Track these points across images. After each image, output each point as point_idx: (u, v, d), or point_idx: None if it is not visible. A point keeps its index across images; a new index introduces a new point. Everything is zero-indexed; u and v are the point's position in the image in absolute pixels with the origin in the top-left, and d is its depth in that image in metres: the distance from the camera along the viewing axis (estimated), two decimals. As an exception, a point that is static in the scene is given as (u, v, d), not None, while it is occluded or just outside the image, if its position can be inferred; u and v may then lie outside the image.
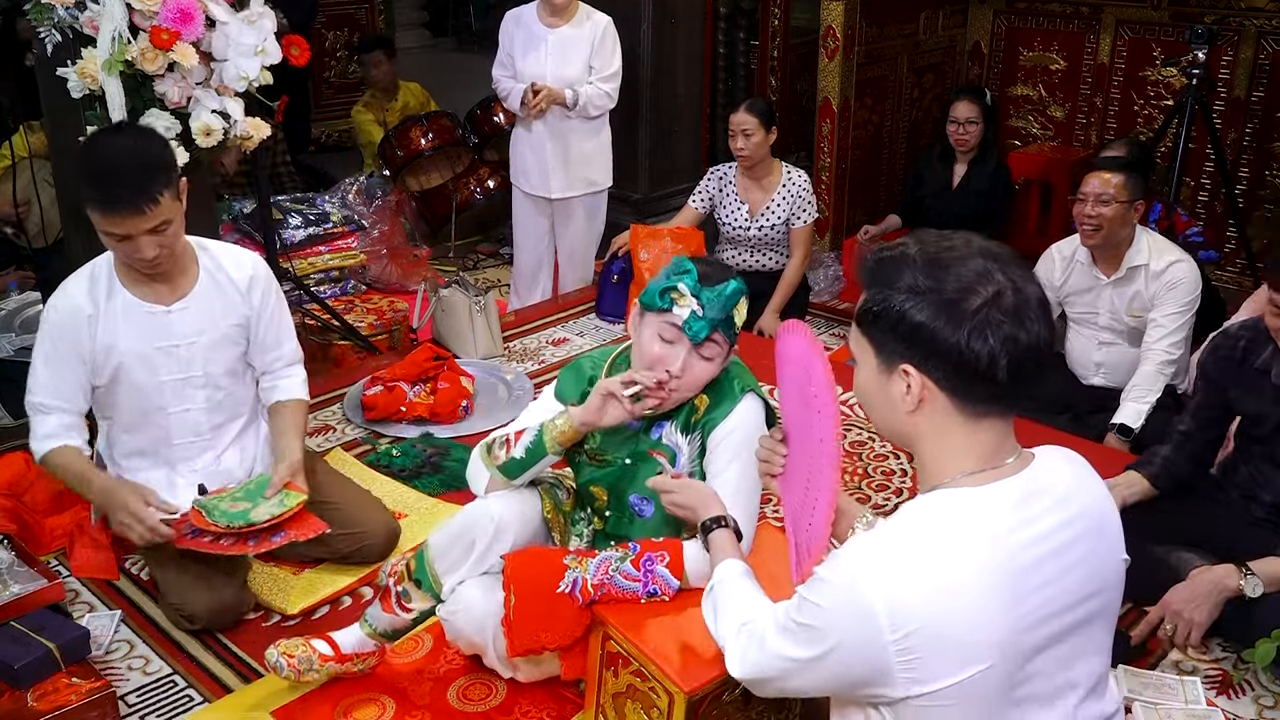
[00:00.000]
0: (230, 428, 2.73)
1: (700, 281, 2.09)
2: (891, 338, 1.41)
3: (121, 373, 2.55)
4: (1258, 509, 2.59)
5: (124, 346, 2.53)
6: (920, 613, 1.30)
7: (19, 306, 4.16)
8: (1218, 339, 2.70)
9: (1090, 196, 3.28)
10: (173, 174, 2.44)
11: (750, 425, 2.15)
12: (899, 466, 3.28)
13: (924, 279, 1.37)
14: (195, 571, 2.54)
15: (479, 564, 2.22)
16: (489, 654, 2.27)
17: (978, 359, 1.34)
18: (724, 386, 2.19)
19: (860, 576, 1.34)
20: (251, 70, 2.90)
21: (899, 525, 1.39)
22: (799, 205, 4.21)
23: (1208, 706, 2.30)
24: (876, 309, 1.42)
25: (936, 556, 1.33)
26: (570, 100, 4.20)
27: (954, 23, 5.60)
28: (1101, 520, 1.46)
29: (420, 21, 9.19)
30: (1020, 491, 1.39)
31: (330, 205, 4.95)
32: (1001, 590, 1.32)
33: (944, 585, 1.31)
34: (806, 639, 1.41)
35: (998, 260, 1.38)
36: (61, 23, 2.83)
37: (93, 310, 2.51)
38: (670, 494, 2.01)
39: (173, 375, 2.59)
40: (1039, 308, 1.37)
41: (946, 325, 1.35)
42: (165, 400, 2.61)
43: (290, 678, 2.27)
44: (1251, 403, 2.56)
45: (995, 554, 1.33)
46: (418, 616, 2.28)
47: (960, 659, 1.31)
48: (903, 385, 1.41)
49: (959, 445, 1.42)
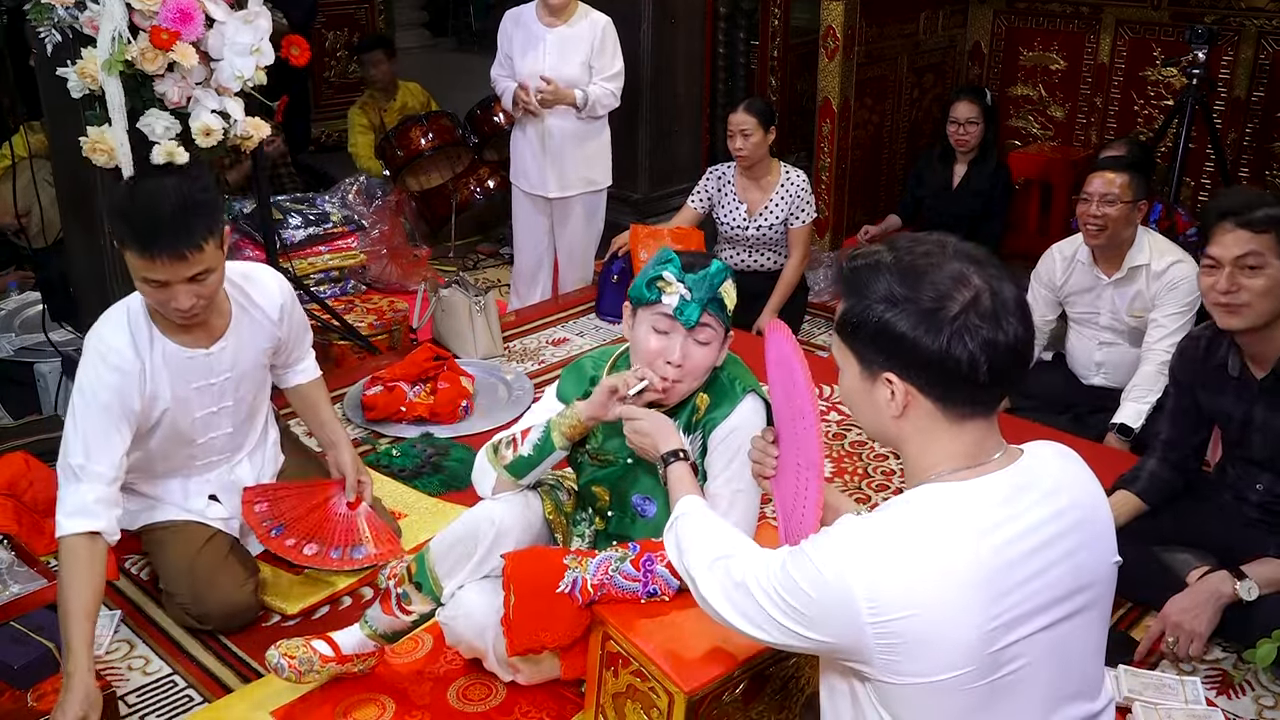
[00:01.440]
0: (249, 441, 2.73)
1: (684, 268, 2.12)
2: (872, 348, 1.43)
3: (163, 419, 2.46)
4: (1249, 509, 2.59)
5: (167, 394, 2.43)
6: (901, 603, 1.32)
7: (19, 306, 4.16)
8: (1183, 341, 2.69)
9: (1095, 196, 3.28)
10: (218, 219, 2.31)
11: (751, 425, 2.15)
12: (899, 466, 3.28)
13: (900, 288, 1.39)
14: (206, 571, 2.53)
15: (480, 568, 2.22)
16: (489, 658, 2.27)
17: (959, 364, 1.36)
18: (725, 386, 2.19)
19: (845, 565, 1.36)
20: (247, 70, 2.90)
21: (886, 517, 1.41)
22: (797, 205, 4.20)
23: (1208, 706, 2.30)
24: (855, 320, 1.43)
25: (920, 549, 1.34)
26: (580, 100, 4.21)
27: (954, 23, 5.60)
28: (1093, 513, 1.46)
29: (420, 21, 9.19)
30: (1007, 485, 1.40)
31: (330, 205, 4.95)
32: (984, 585, 1.33)
33: (926, 577, 1.33)
34: (790, 611, 1.43)
35: (973, 262, 1.40)
36: (61, 23, 2.82)
37: (139, 364, 2.37)
38: (634, 420, 2.05)
39: (206, 410, 2.54)
40: (1016, 308, 1.38)
41: (926, 334, 1.36)
42: (195, 433, 2.56)
43: (291, 679, 2.26)
44: (1217, 401, 2.55)
45: (979, 548, 1.34)
46: (417, 619, 2.28)
47: (939, 658, 1.33)
48: (886, 392, 1.43)
49: (944, 445, 1.43)
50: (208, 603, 2.51)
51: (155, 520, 2.62)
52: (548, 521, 2.29)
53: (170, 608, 2.61)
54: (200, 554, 2.54)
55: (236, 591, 2.54)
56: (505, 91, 4.32)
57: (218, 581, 2.53)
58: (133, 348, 2.37)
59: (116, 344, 2.36)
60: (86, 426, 2.29)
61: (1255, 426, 2.50)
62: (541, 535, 2.29)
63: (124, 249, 2.25)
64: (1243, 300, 2.34)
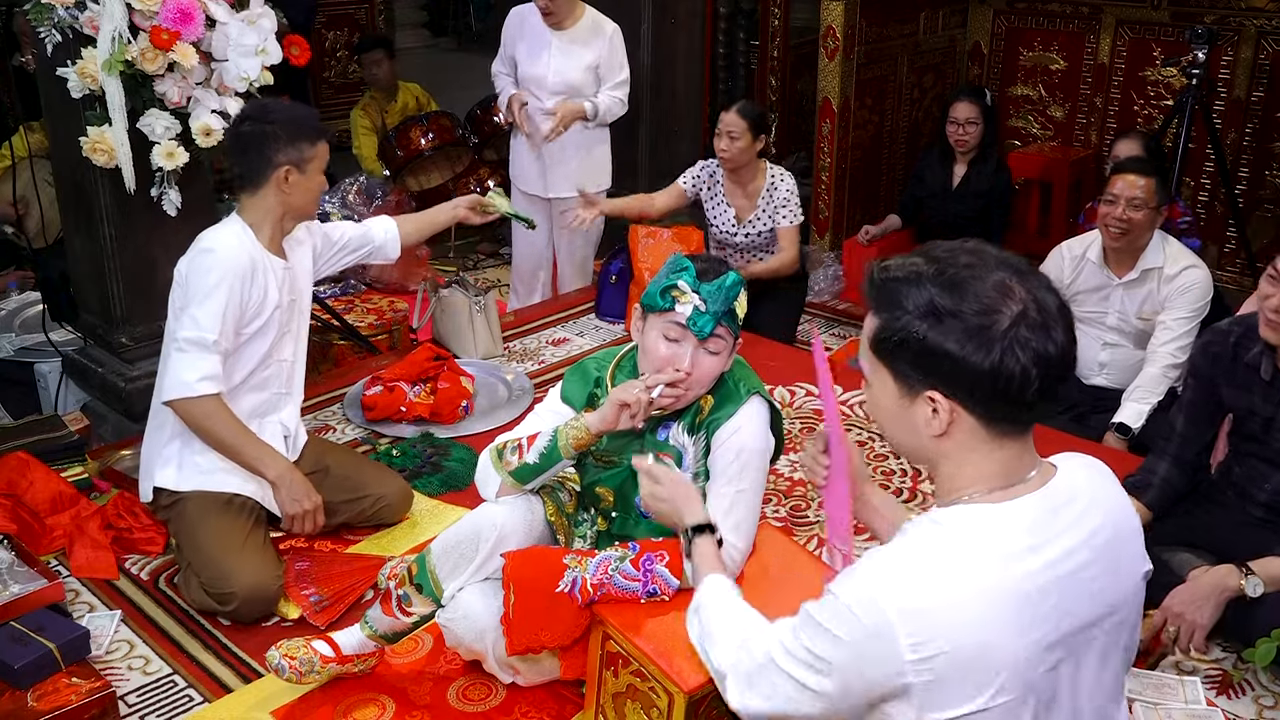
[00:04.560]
0: (295, 382, 2.90)
1: (699, 277, 2.09)
2: (915, 366, 1.34)
3: (267, 326, 2.70)
4: (1254, 509, 2.59)
5: (272, 298, 2.69)
6: (939, 629, 1.26)
7: (19, 306, 4.16)
8: (1209, 335, 2.70)
9: (1122, 199, 3.28)
10: None
11: (754, 426, 2.15)
12: (899, 466, 3.28)
13: (943, 300, 1.30)
14: (241, 551, 2.58)
15: (481, 570, 2.21)
16: (488, 659, 2.27)
17: (1010, 380, 1.29)
18: (729, 388, 2.19)
19: (877, 593, 1.29)
20: (252, 70, 2.90)
21: (916, 540, 1.34)
22: (783, 208, 4.06)
23: (1208, 706, 2.30)
24: (896, 337, 1.34)
25: (954, 570, 1.29)
26: (590, 112, 4.17)
27: (954, 23, 5.60)
28: (1122, 530, 1.42)
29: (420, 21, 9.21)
30: (1039, 508, 1.35)
31: (330, 205, 4.96)
32: (1023, 607, 1.28)
33: (963, 599, 1.27)
34: (818, 662, 1.34)
35: (1015, 271, 1.33)
36: (61, 23, 2.83)
37: (251, 262, 2.64)
38: (655, 482, 1.96)
39: (289, 327, 2.80)
40: (1060, 316, 1.32)
41: (976, 351, 1.29)
42: (284, 352, 2.80)
43: (292, 679, 2.27)
44: (1242, 399, 2.56)
45: (1013, 571, 1.29)
46: (418, 620, 2.28)
47: (984, 682, 1.27)
48: (927, 411, 1.35)
49: (982, 462, 1.37)
50: (235, 582, 2.52)
51: (210, 488, 2.67)
52: (549, 524, 2.29)
53: (189, 587, 2.62)
54: (240, 535, 2.62)
55: (267, 578, 2.58)
56: (503, 93, 4.29)
57: (251, 563, 2.57)
58: (246, 249, 2.65)
59: (229, 240, 2.64)
60: (218, 304, 2.57)
61: (1278, 426, 2.50)
62: (544, 538, 2.28)
63: (314, 148, 2.65)
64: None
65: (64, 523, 2.88)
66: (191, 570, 2.61)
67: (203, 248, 2.63)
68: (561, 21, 4.16)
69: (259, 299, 2.66)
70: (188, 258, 2.65)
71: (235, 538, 2.61)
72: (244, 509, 2.69)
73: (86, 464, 3.14)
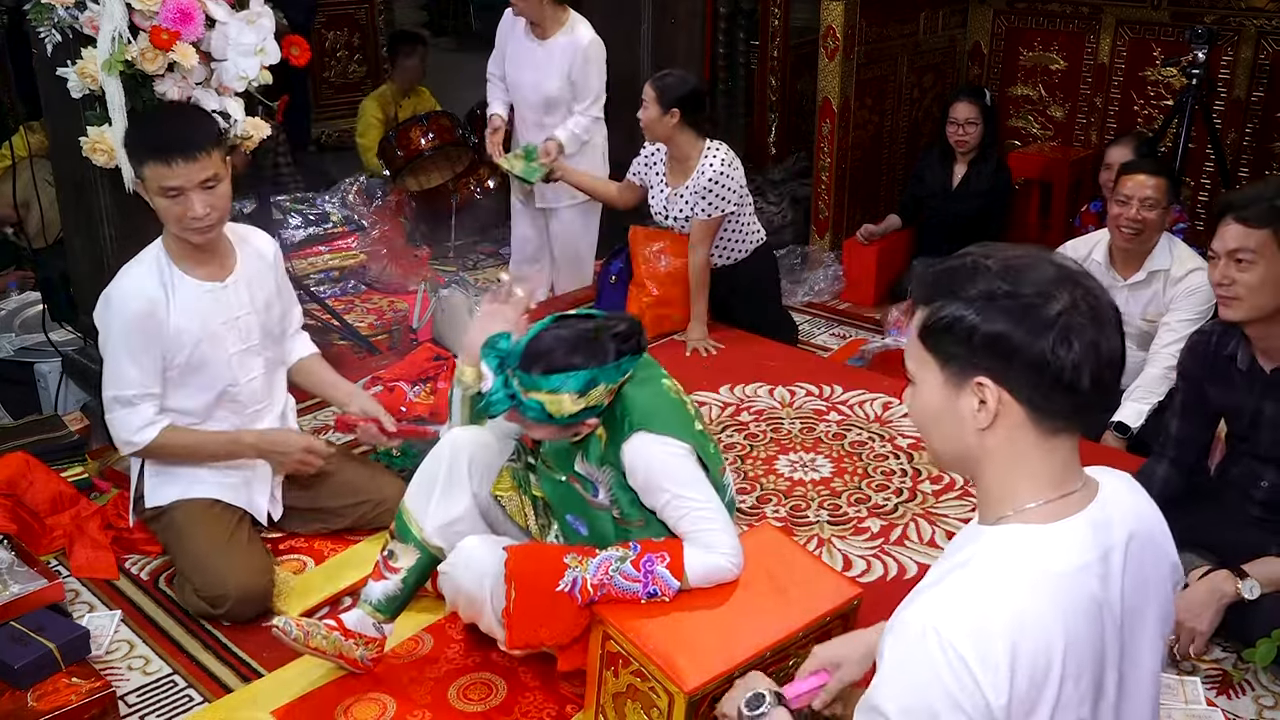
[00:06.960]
0: (277, 393, 2.88)
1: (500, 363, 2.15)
2: (965, 350, 1.31)
3: (196, 354, 2.63)
4: (1253, 508, 2.59)
5: (195, 327, 2.61)
6: (1006, 647, 1.23)
7: (19, 306, 4.16)
8: (1193, 337, 2.70)
9: (1135, 200, 3.29)
10: (219, 134, 2.62)
11: (649, 458, 2.14)
12: (899, 466, 3.28)
13: (998, 283, 1.29)
14: (229, 554, 2.59)
15: (448, 486, 2.30)
16: (486, 611, 2.25)
17: (1062, 367, 1.26)
18: (615, 420, 2.19)
19: (941, 625, 1.24)
20: (251, 70, 2.90)
21: (974, 570, 1.30)
22: (704, 195, 3.82)
23: (1208, 706, 2.30)
24: (946, 321, 1.31)
25: (1013, 599, 1.25)
26: (565, 144, 4.12)
27: (954, 23, 5.60)
28: (1159, 544, 1.42)
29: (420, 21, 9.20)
30: (1088, 527, 1.32)
31: (330, 205, 4.96)
32: (1082, 618, 1.28)
33: (1028, 619, 1.24)
34: None
35: (1069, 268, 1.33)
36: (61, 23, 2.83)
37: (163, 296, 2.58)
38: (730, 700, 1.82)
39: (238, 348, 2.70)
40: (1113, 319, 1.31)
41: (1029, 332, 1.26)
42: (235, 374, 2.71)
43: (298, 638, 2.28)
44: (1227, 396, 2.56)
45: (1065, 586, 1.28)
46: (405, 575, 2.31)
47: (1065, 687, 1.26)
48: (974, 401, 1.31)
49: (1030, 466, 1.33)
50: (228, 584, 2.53)
51: (191, 496, 2.68)
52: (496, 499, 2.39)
53: (183, 594, 2.62)
54: (225, 536, 2.63)
55: (258, 576, 2.59)
56: (493, 101, 4.34)
57: (240, 565, 2.58)
58: (156, 282, 2.58)
59: (137, 278, 2.59)
60: (126, 360, 2.55)
61: (1265, 420, 2.50)
62: (497, 455, 2.38)
63: (143, 168, 2.47)
64: (1236, 293, 2.38)
65: (64, 523, 2.88)
66: (184, 577, 2.63)
67: (103, 296, 2.60)
68: (545, 29, 4.13)
69: (173, 335, 2.58)
70: (96, 309, 2.62)
71: (221, 539, 2.62)
72: (228, 511, 2.71)
73: (86, 464, 3.14)
